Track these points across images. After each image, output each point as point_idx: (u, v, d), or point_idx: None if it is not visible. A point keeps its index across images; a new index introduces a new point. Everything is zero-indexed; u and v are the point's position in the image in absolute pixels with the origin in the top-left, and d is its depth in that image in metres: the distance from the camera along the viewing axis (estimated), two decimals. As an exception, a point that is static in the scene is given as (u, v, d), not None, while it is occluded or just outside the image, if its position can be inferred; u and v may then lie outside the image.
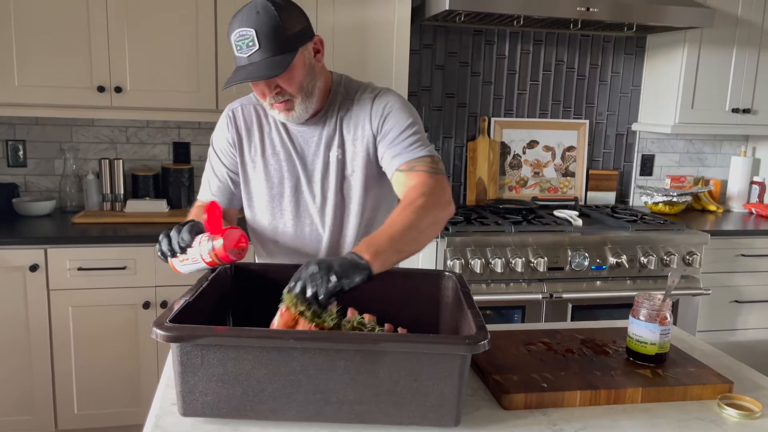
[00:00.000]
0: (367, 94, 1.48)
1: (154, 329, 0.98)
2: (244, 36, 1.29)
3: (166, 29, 2.52)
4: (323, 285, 1.08)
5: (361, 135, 1.47)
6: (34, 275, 2.32)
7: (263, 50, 1.29)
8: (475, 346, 0.98)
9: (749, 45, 3.05)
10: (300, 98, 1.39)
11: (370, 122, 1.46)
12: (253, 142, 1.52)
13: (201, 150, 2.96)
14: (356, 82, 1.53)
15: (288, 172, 1.51)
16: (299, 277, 1.11)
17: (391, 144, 1.43)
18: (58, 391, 2.42)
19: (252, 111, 1.54)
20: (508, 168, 3.26)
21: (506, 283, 2.61)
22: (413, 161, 1.40)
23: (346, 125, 1.48)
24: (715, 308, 2.94)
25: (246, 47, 1.29)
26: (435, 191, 1.33)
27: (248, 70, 1.30)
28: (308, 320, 1.08)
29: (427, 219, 1.27)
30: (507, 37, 3.18)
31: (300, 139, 1.51)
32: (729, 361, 1.41)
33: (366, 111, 1.46)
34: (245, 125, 1.53)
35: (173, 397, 1.11)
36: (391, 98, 1.47)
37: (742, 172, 3.41)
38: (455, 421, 1.04)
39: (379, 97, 1.47)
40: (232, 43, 1.31)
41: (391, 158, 1.42)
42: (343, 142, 1.49)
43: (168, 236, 1.26)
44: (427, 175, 1.37)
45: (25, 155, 2.81)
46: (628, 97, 3.36)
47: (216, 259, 1.19)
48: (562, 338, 1.43)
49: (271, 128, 1.52)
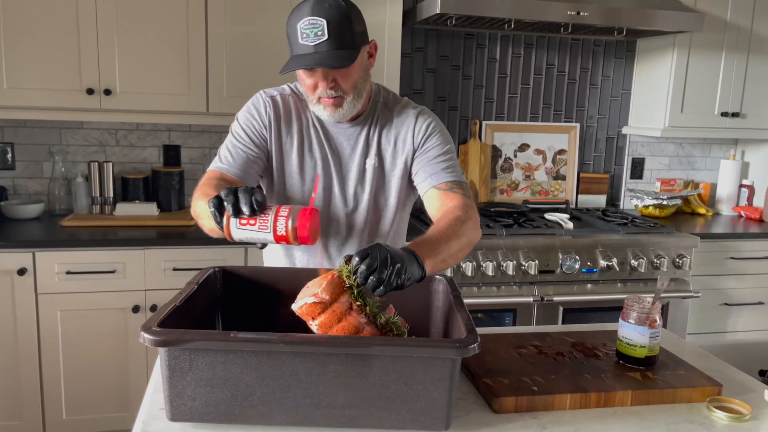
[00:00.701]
0: (410, 109, 1.53)
1: (142, 333, 0.97)
2: (314, 24, 1.29)
3: (157, 31, 2.51)
4: (389, 275, 1.04)
5: (402, 148, 1.51)
6: (22, 279, 2.30)
7: (331, 41, 1.30)
8: (465, 350, 0.98)
9: (738, 49, 3.07)
10: (351, 97, 1.41)
11: (413, 137, 1.50)
12: (291, 133, 1.50)
13: (191, 153, 2.95)
14: (393, 94, 1.57)
15: (322, 171, 1.51)
16: (368, 254, 1.05)
17: (431, 161, 1.48)
18: (46, 395, 2.40)
19: (291, 101, 1.52)
20: (499, 171, 3.27)
21: (497, 286, 2.61)
22: (452, 183, 1.45)
23: (386, 135, 1.51)
24: (705, 311, 2.95)
25: (314, 36, 1.29)
26: (475, 216, 1.38)
27: (315, 57, 1.30)
28: (353, 297, 1.06)
29: (468, 239, 1.32)
30: (498, 41, 3.18)
31: (336, 140, 1.51)
32: (718, 364, 1.41)
33: (408, 126, 1.51)
34: (285, 112, 1.51)
35: (161, 401, 1.10)
36: (435, 119, 1.54)
37: (731, 176, 3.44)
38: (445, 425, 1.03)
39: (422, 115, 1.52)
40: (298, 30, 1.30)
41: (430, 175, 1.47)
42: (380, 151, 1.51)
43: (235, 194, 1.09)
44: (466, 198, 1.42)
45: (14, 158, 2.79)
46: (618, 101, 3.38)
47: (292, 237, 1.09)
48: (552, 341, 1.43)
49: (309, 123, 1.51)
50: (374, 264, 1.04)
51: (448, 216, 1.34)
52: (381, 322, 1.09)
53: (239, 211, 1.08)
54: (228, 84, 2.59)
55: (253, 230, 1.11)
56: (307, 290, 1.08)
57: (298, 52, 1.33)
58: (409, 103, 1.56)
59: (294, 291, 1.13)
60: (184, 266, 2.41)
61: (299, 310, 1.06)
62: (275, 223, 1.09)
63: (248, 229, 1.11)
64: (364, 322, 1.07)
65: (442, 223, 1.30)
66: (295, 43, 1.32)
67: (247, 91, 1.65)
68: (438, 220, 1.35)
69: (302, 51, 1.32)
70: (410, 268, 1.09)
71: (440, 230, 1.27)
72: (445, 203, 1.41)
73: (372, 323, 1.08)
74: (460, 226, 1.30)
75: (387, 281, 1.04)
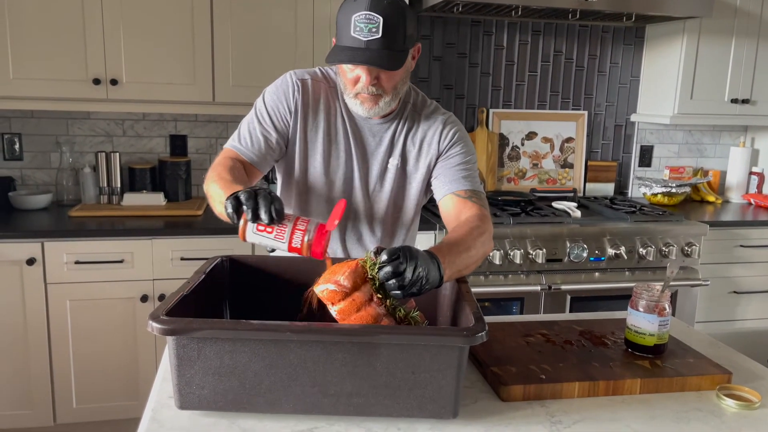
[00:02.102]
0: (438, 114, 1.53)
1: (150, 322, 0.97)
2: (370, 19, 1.27)
3: (162, 21, 2.51)
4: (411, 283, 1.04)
5: (426, 152, 1.51)
6: (31, 269, 2.32)
7: (383, 40, 1.28)
8: (472, 338, 0.97)
9: (748, 35, 3.03)
10: (390, 97, 1.40)
11: (438, 143, 1.50)
12: (318, 121, 1.49)
13: (198, 142, 2.95)
14: (422, 96, 1.56)
15: (344, 164, 1.51)
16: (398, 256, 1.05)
17: (452, 168, 1.48)
18: (56, 384, 2.42)
19: (321, 89, 1.49)
20: (506, 159, 3.25)
21: (505, 275, 2.61)
22: (471, 192, 1.45)
23: (411, 138, 1.51)
24: (714, 299, 2.94)
25: (368, 31, 1.28)
26: (490, 229, 1.38)
27: (366, 54, 1.29)
28: (374, 288, 1.06)
29: (484, 251, 1.31)
30: (505, 28, 3.16)
31: (362, 134, 1.50)
32: (727, 352, 1.41)
33: (435, 130, 1.50)
34: (313, 99, 1.48)
35: (170, 390, 1.11)
36: (461, 128, 1.54)
37: (741, 163, 3.41)
38: (453, 413, 1.03)
39: (450, 123, 1.52)
40: (352, 21, 1.28)
41: (450, 181, 1.47)
42: (405, 152, 1.51)
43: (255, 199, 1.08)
44: (482, 209, 1.42)
45: (21, 148, 2.79)
46: (627, 88, 3.35)
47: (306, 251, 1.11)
48: (560, 330, 1.43)
49: (338, 114, 1.50)
50: (400, 268, 1.05)
51: (468, 225, 1.33)
52: (400, 315, 1.09)
53: (258, 217, 1.09)
54: (234, 74, 2.58)
55: (269, 238, 1.12)
56: (330, 275, 1.07)
57: (347, 43, 1.30)
58: (438, 108, 1.55)
59: (301, 280, 1.13)
60: (192, 256, 2.42)
61: (321, 293, 1.06)
62: (292, 235, 1.10)
63: (264, 235, 1.12)
64: (383, 313, 1.07)
65: (462, 233, 1.29)
66: (346, 34, 1.30)
67: (253, 80, 1.64)
68: (456, 228, 1.34)
69: (352, 44, 1.29)
70: (432, 277, 1.08)
71: (460, 240, 1.26)
72: (463, 212, 1.41)
73: (391, 315, 1.08)
74: (478, 237, 1.30)
75: (408, 288, 1.05)
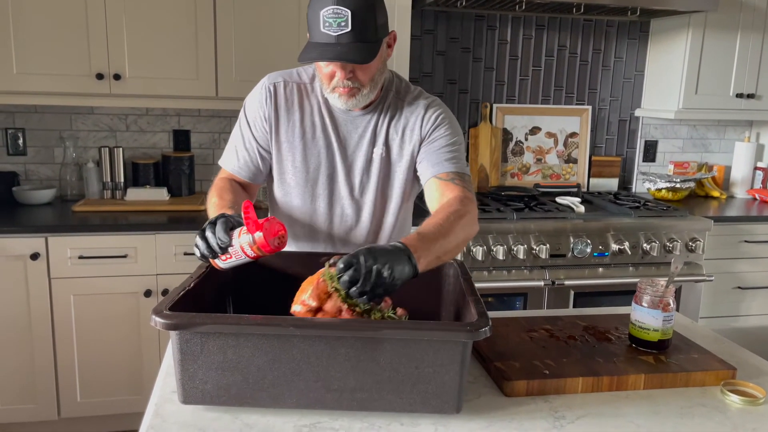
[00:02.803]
0: (420, 99, 1.50)
1: (153, 317, 0.97)
2: (338, 14, 1.26)
3: (165, 16, 2.50)
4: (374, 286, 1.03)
5: (409, 138, 1.49)
6: (35, 264, 2.32)
7: (354, 33, 1.27)
8: (476, 333, 0.97)
9: (753, 29, 3.01)
10: (368, 89, 1.39)
11: (420, 127, 1.48)
12: (292, 122, 1.48)
13: (201, 137, 2.94)
14: (406, 83, 1.54)
15: (326, 159, 1.49)
16: (351, 264, 1.04)
17: (436, 151, 1.46)
18: (60, 379, 2.43)
19: (294, 89, 1.49)
20: (510, 155, 3.24)
21: (508, 270, 2.60)
22: (453, 174, 1.43)
23: (394, 126, 1.49)
24: (718, 294, 2.93)
25: (337, 26, 1.26)
26: (473, 210, 1.35)
27: (338, 50, 1.27)
28: (341, 298, 1.06)
29: (465, 234, 1.29)
30: (509, 23, 3.14)
31: (344, 127, 1.49)
32: (732, 348, 1.40)
33: (417, 116, 1.48)
34: (285, 103, 1.48)
35: (173, 385, 1.11)
36: (445, 110, 1.51)
37: (745, 158, 3.39)
38: (456, 408, 1.03)
39: (432, 106, 1.50)
40: (321, 17, 1.27)
41: (433, 164, 1.45)
42: (388, 141, 1.49)
43: (204, 238, 1.18)
44: (465, 191, 1.40)
45: (25, 143, 2.80)
46: (631, 83, 3.33)
47: (259, 252, 1.17)
48: (564, 325, 1.43)
49: (314, 110, 1.49)
50: (357, 276, 1.03)
51: (446, 210, 1.30)
52: (377, 317, 1.08)
53: (214, 253, 1.17)
54: (237, 68, 2.58)
55: (235, 261, 1.19)
56: (299, 294, 1.09)
57: (318, 39, 1.29)
58: (421, 93, 1.53)
59: (305, 276, 1.13)
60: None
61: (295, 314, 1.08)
62: (243, 250, 1.17)
63: (231, 261, 1.19)
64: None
65: (439, 218, 1.27)
66: (316, 31, 1.29)
67: (256, 75, 1.63)
68: (435, 213, 1.32)
69: (323, 40, 1.28)
70: (399, 270, 1.06)
71: (437, 225, 1.24)
72: (445, 194, 1.39)
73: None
74: (457, 220, 1.27)
75: (371, 291, 1.04)
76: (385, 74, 1.46)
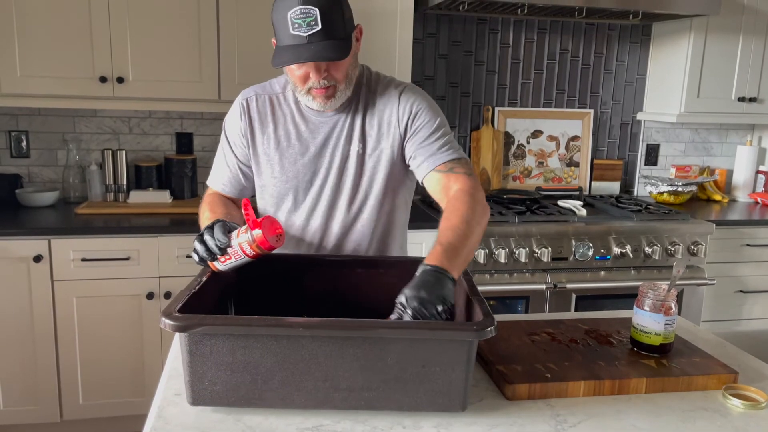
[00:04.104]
0: (391, 89, 1.46)
1: (163, 319, 0.98)
2: (306, 14, 1.24)
3: (168, 19, 2.51)
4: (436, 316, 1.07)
5: (387, 132, 1.45)
6: (38, 266, 2.33)
7: (325, 31, 1.25)
8: (482, 332, 0.99)
9: (756, 33, 3.02)
10: (343, 85, 1.37)
11: (397, 120, 1.44)
12: (267, 134, 1.48)
13: (204, 140, 2.95)
14: (376, 74, 1.51)
15: (303, 165, 1.47)
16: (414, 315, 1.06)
17: (423, 143, 1.42)
18: (63, 381, 2.43)
19: (266, 101, 1.49)
20: (512, 158, 3.24)
21: (510, 273, 2.60)
22: (451, 163, 1.40)
23: (369, 120, 1.45)
24: (720, 298, 2.93)
25: (306, 26, 1.24)
26: (481, 196, 1.34)
27: (312, 50, 1.25)
28: None
29: (482, 227, 1.29)
30: (511, 26, 3.15)
31: (318, 130, 1.46)
32: (734, 351, 1.40)
33: (392, 107, 1.44)
34: (259, 116, 1.48)
35: (177, 387, 1.12)
36: (419, 96, 1.46)
37: (747, 162, 3.39)
38: (462, 406, 1.05)
39: (405, 94, 1.45)
40: (288, 19, 1.25)
41: (426, 158, 1.42)
42: (364, 136, 1.46)
43: (203, 241, 1.21)
44: (468, 177, 1.38)
45: (28, 146, 2.81)
46: (633, 86, 3.34)
47: (259, 250, 1.19)
48: (565, 328, 1.43)
49: (287, 119, 1.48)
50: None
51: (460, 208, 1.28)
52: None
53: (213, 256, 1.20)
54: (240, 71, 2.59)
55: (234, 262, 1.22)
56: None
57: (288, 42, 1.27)
58: (391, 81, 1.48)
59: (306, 277, 1.14)
60: (198, 253, 2.42)
61: None
62: (242, 250, 1.20)
63: (230, 263, 1.22)
64: None
65: (457, 220, 1.25)
66: (285, 33, 1.26)
67: (258, 78, 1.64)
68: (450, 213, 1.29)
69: (294, 42, 1.26)
70: (448, 295, 1.09)
71: (456, 231, 1.22)
72: (450, 186, 1.37)
73: None
74: (473, 216, 1.26)
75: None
76: (357, 69, 1.43)
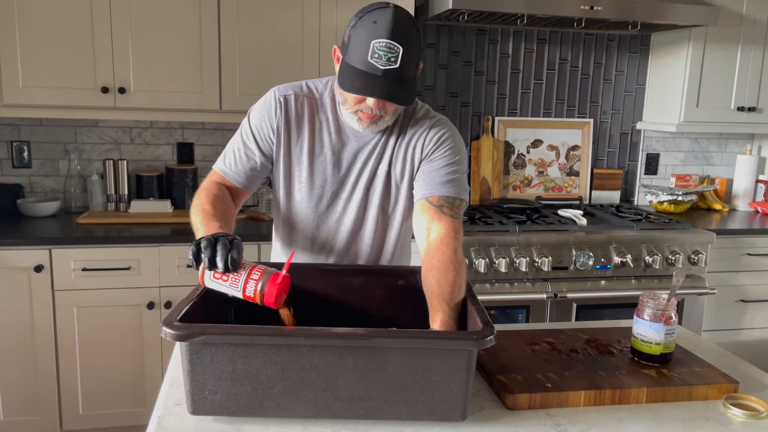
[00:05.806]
0: (426, 119, 1.49)
1: (164, 328, 0.98)
2: (390, 49, 1.25)
3: (170, 30, 2.53)
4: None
5: (411, 157, 1.47)
6: (38, 276, 2.33)
7: (400, 70, 1.26)
8: (482, 342, 0.99)
9: (754, 43, 3.03)
10: (390, 117, 1.40)
11: (423, 146, 1.46)
12: (302, 137, 1.47)
13: (205, 150, 2.96)
14: (416, 102, 1.52)
15: (332, 176, 1.48)
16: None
17: (434, 171, 1.44)
18: (63, 391, 2.43)
19: (305, 103, 1.47)
20: (512, 167, 3.25)
21: (510, 282, 2.60)
22: (444, 200, 1.41)
23: (399, 144, 1.48)
24: (721, 308, 2.93)
25: (386, 60, 1.25)
26: (458, 247, 1.34)
27: (384, 85, 1.27)
28: None
29: (463, 276, 1.29)
30: (511, 36, 3.17)
31: (352, 145, 1.47)
32: (734, 361, 1.40)
33: (421, 134, 1.47)
34: (296, 116, 1.46)
35: (177, 397, 1.12)
36: (450, 130, 1.49)
37: (747, 171, 3.40)
38: (462, 416, 1.05)
39: (437, 126, 1.48)
40: (371, 47, 1.25)
41: (428, 185, 1.44)
42: (392, 159, 1.48)
43: (213, 247, 1.12)
44: (453, 222, 1.38)
45: (30, 156, 2.81)
46: (632, 96, 3.35)
47: (258, 298, 1.13)
48: (566, 338, 1.43)
49: (323, 126, 1.47)
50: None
51: (450, 262, 1.28)
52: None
53: (215, 265, 1.11)
54: (241, 82, 2.60)
55: (225, 285, 1.14)
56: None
57: (362, 67, 1.27)
58: (428, 112, 1.51)
59: (304, 286, 1.14)
60: (198, 263, 2.42)
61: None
62: (245, 284, 1.13)
63: (220, 283, 1.14)
64: None
65: (451, 277, 1.25)
66: (360, 57, 1.26)
67: (260, 88, 1.65)
68: (442, 266, 1.28)
69: (368, 69, 1.26)
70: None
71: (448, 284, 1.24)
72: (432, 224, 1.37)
73: None
74: (459, 268, 1.28)
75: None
76: None
